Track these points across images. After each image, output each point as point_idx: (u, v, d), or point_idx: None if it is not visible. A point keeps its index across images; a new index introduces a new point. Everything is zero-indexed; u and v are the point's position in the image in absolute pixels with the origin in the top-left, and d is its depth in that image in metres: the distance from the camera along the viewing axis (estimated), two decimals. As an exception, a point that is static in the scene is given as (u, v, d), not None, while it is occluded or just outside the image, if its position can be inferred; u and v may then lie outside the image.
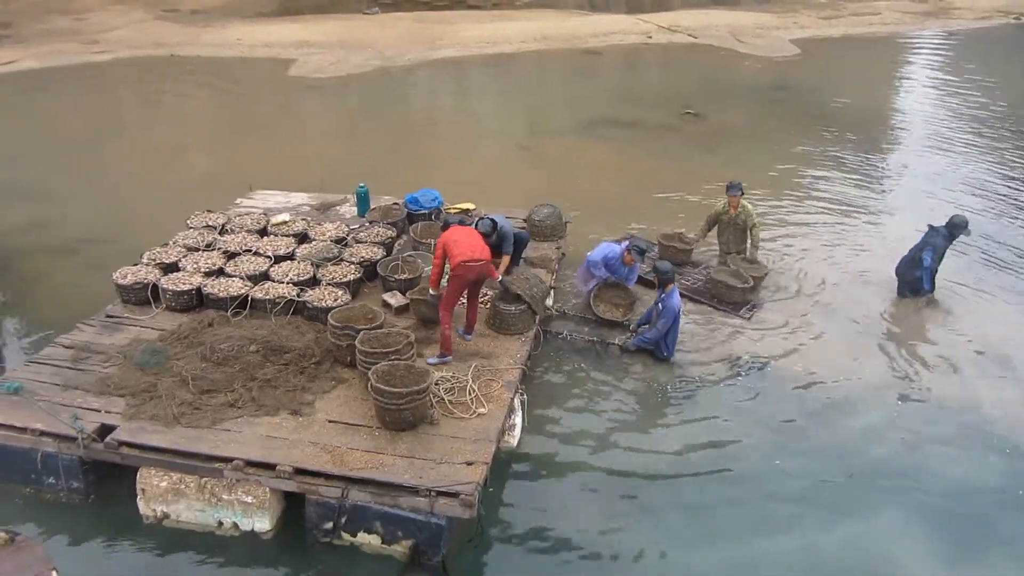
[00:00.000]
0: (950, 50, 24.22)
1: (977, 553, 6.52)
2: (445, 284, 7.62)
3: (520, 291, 8.14)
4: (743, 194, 9.96)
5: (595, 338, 8.86)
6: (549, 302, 9.40)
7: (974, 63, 22.14)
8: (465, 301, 7.94)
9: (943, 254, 9.65)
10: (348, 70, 19.26)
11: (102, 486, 6.67)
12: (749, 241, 10.08)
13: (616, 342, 8.76)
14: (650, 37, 23.28)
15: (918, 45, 24.81)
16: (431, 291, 7.72)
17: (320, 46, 20.98)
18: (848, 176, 13.80)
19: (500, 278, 8.08)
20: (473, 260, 7.39)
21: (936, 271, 9.67)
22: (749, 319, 9.31)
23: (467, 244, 7.47)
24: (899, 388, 8.39)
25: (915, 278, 9.66)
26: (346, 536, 6.21)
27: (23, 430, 6.55)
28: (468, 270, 7.42)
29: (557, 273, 9.69)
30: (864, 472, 7.28)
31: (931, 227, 9.74)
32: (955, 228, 9.57)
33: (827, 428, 7.82)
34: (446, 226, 7.97)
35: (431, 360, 7.50)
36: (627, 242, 9.04)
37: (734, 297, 9.44)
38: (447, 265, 7.57)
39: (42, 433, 6.52)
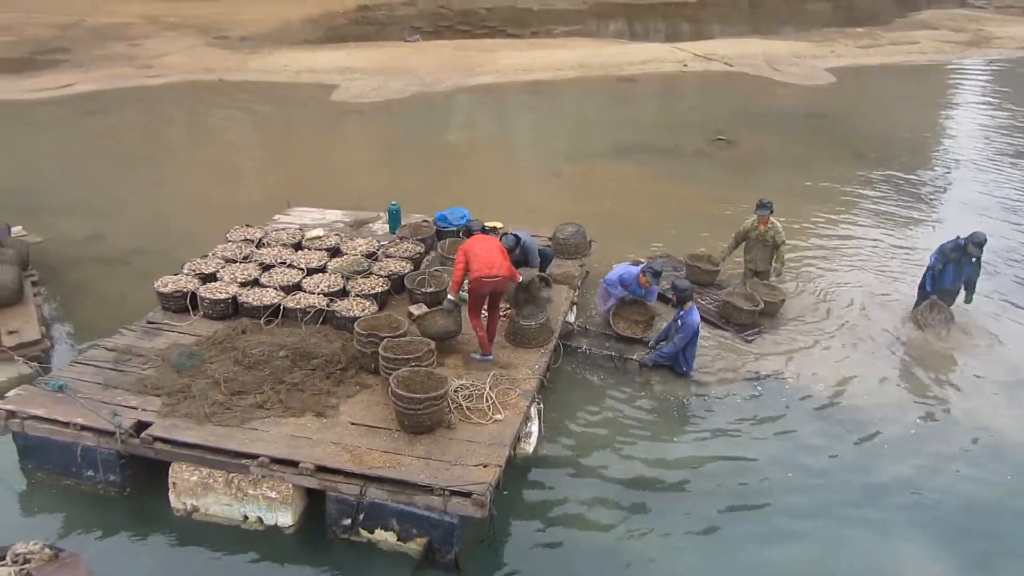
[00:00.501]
0: (989, 78, 24.12)
1: (993, 570, 6.58)
2: (465, 292, 7.96)
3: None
4: (772, 212, 10.15)
5: (614, 353, 9.06)
6: (571, 318, 9.66)
7: (1011, 89, 22.04)
8: (486, 312, 8.20)
9: (957, 264, 9.70)
10: (388, 95, 19.82)
11: (137, 480, 7.04)
12: (776, 257, 10.27)
13: (635, 357, 8.96)
14: (686, 65, 23.55)
15: (957, 74, 24.76)
16: (449, 296, 8.01)
17: (362, 72, 21.61)
18: (878, 200, 13.89)
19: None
20: (488, 276, 7.69)
21: (939, 277, 9.79)
22: (751, 342, 9.42)
23: (486, 259, 7.75)
24: (919, 408, 8.51)
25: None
26: (363, 533, 6.50)
27: (66, 424, 6.95)
28: (483, 285, 7.72)
29: (579, 290, 9.95)
30: (879, 490, 7.38)
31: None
32: (969, 241, 9.63)
33: (843, 445, 7.96)
34: (470, 233, 8.27)
35: (475, 356, 7.92)
36: (642, 264, 9.24)
37: (741, 319, 9.58)
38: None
39: (83, 428, 6.91)
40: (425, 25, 29.48)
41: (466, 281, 7.87)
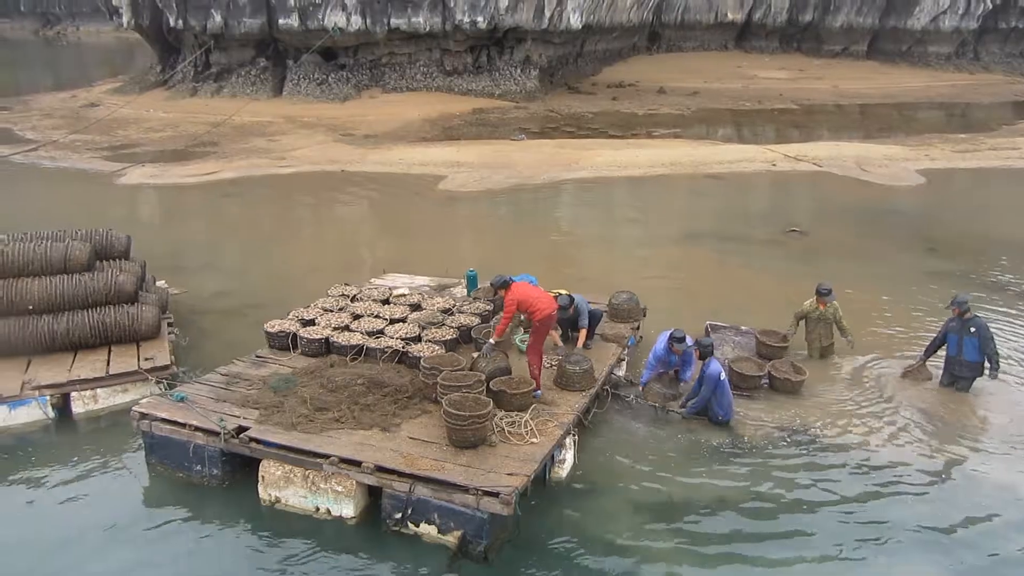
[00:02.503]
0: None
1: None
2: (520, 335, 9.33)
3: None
4: (828, 296, 11.17)
5: (657, 403, 10.09)
6: (620, 372, 10.80)
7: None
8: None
9: (957, 334, 10.50)
10: (489, 186, 21.76)
11: (234, 475, 8.54)
12: (839, 333, 11.26)
13: (675, 409, 9.96)
14: (774, 165, 24.58)
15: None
16: (491, 340, 9.37)
17: (468, 166, 23.75)
18: (941, 289, 14.33)
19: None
20: (553, 311, 9.15)
21: (947, 347, 10.65)
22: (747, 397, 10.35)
23: (546, 300, 9.22)
24: (941, 466, 9.10)
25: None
26: (411, 526, 7.71)
27: (183, 426, 8.57)
28: (551, 320, 9.11)
29: (629, 348, 11.10)
30: (890, 535, 8.04)
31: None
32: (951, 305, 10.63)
33: (859, 489, 8.66)
34: (504, 285, 9.44)
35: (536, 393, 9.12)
36: (668, 332, 10.23)
37: (746, 384, 10.43)
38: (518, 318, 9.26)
39: (196, 429, 8.51)
40: (534, 127, 31.87)
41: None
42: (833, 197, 21.37)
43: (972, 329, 10.35)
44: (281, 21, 33.93)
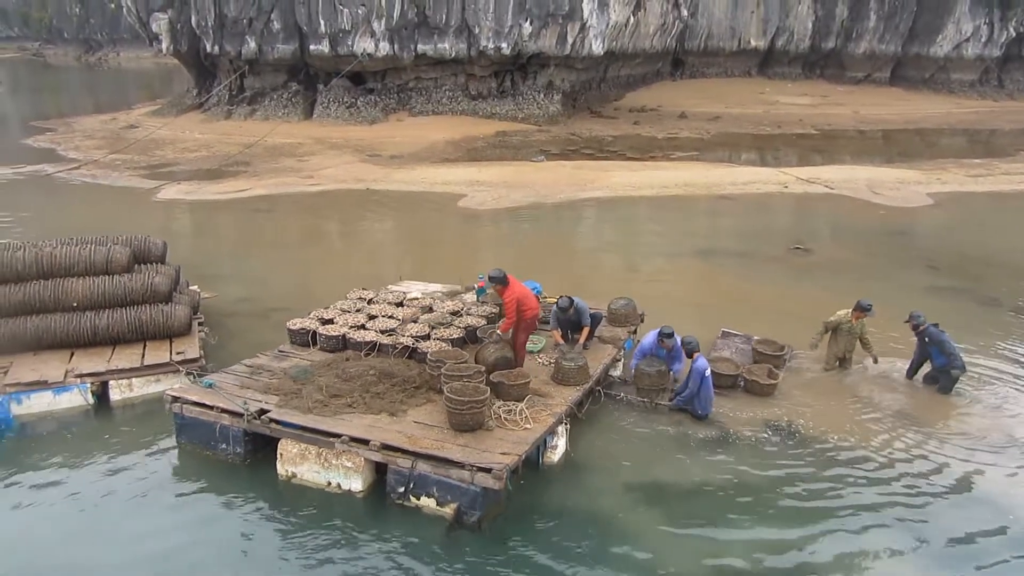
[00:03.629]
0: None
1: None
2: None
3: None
4: (868, 312, 11.76)
5: (645, 399, 10.81)
6: (616, 372, 11.54)
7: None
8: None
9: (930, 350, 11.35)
10: (506, 204, 22.64)
11: (255, 453, 9.37)
12: (863, 347, 11.91)
13: (661, 402, 10.68)
14: (786, 187, 25.22)
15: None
16: (499, 332, 10.23)
17: (488, 185, 24.67)
18: (937, 303, 14.84)
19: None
20: (538, 314, 9.98)
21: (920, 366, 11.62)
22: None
23: (535, 301, 10.10)
24: (901, 454, 9.75)
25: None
26: (413, 500, 8.49)
27: (210, 408, 9.43)
28: (536, 319, 9.98)
29: (624, 350, 11.82)
30: (853, 510, 8.74)
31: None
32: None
33: (825, 470, 9.41)
34: (503, 279, 10.14)
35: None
36: (657, 330, 10.95)
37: (720, 382, 11.03)
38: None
39: (222, 411, 9.37)
40: (554, 149, 32.78)
41: None
42: (840, 217, 21.98)
43: (926, 339, 11.17)
44: (312, 47, 35.31)
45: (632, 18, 41.19)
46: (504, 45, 35.90)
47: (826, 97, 49.07)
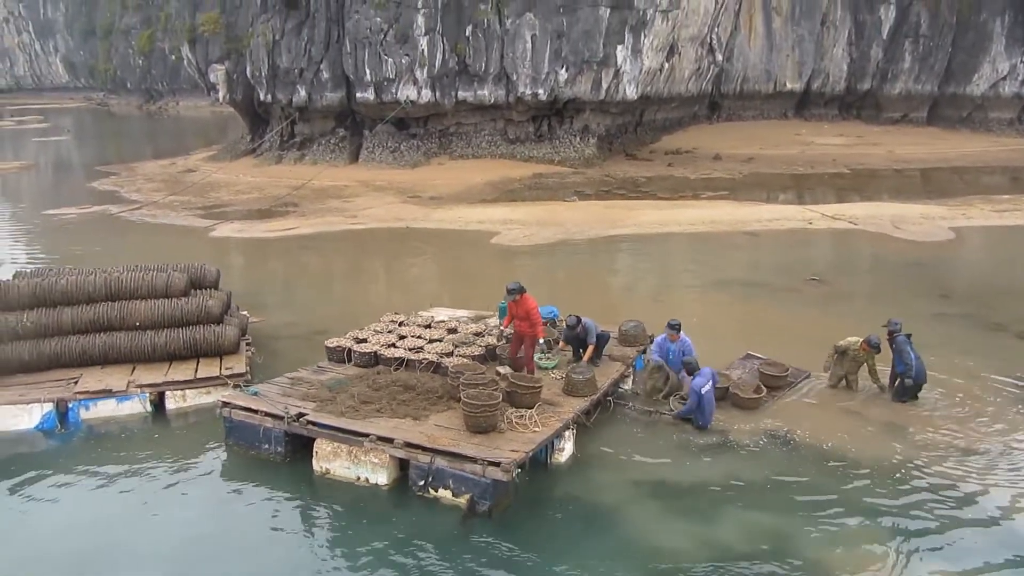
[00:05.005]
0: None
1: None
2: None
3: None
4: (874, 348, 12.56)
5: (650, 408, 11.76)
6: (626, 387, 12.51)
7: None
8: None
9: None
10: (537, 241, 23.79)
11: (294, 452, 10.51)
12: (870, 375, 12.70)
13: (665, 412, 11.61)
14: (811, 223, 25.95)
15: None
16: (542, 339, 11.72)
17: (520, 223, 25.88)
18: (942, 330, 15.52)
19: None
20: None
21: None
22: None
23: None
24: (889, 461, 10.52)
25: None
26: (431, 491, 9.52)
27: (255, 412, 10.63)
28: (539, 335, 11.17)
29: (634, 369, 12.80)
30: (841, 505, 9.60)
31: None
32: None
33: (817, 471, 10.30)
34: (522, 290, 11.38)
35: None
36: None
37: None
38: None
39: (265, 414, 10.56)
40: (588, 190, 33.90)
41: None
42: (860, 251, 22.70)
43: (892, 346, 12.19)
44: (359, 95, 37.22)
45: (666, 64, 42.44)
46: (541, 91, 37.38)
47: (861, 137, 49.57)
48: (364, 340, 12.82)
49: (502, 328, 11.72)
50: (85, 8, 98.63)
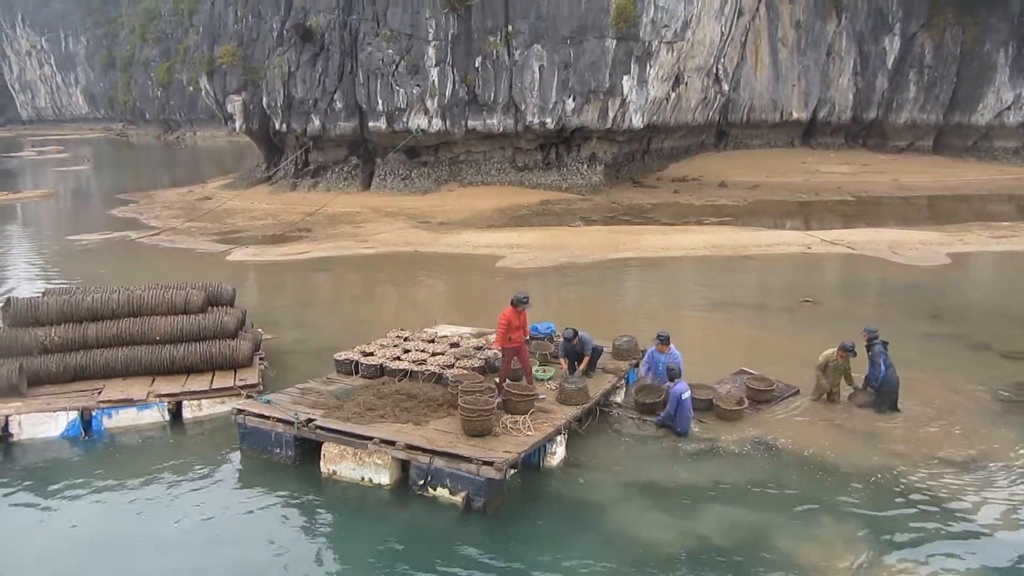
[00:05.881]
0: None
1: None
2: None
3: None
4: (849, 353, 13.18)
5: (635, 416, 12.43)
6: (618, 398, 13.15)
7: None
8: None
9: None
10: (541, 264, 24.54)
11: (303, 456, 11.20)
12: (846, 380, 13.35)
13: (649, 420, 12.27)
14: (809, 248, 26.57)
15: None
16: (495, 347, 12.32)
17: (526, 247, 26.65)
18: (929, 348, 16.07)
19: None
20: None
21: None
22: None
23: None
24: (867, 467, 11.10)
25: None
26: (430, 490, 10.17)
27: (267, 418, 11.34)
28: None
29: (627, 382, 13.46)
30: (819, 503, 10.22)
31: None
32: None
33: (798, 474, 10.88)
34: (526, 302, 12.23)
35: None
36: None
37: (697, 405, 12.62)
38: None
39: (277, 420, 11.26)
40: (594, 215, 34.65)
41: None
42: (856, 275, 23.30)
43: (868, 352, 12.81)
44: (371, 124, 38.31)
45: (672, 93, 43.36)
46: (548, 120, 38.33)
47: (867, 165, 50.24)
48: (370, 353, 13.54)
49: (495, 347, 12.42)
50: (106, 41, 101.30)
